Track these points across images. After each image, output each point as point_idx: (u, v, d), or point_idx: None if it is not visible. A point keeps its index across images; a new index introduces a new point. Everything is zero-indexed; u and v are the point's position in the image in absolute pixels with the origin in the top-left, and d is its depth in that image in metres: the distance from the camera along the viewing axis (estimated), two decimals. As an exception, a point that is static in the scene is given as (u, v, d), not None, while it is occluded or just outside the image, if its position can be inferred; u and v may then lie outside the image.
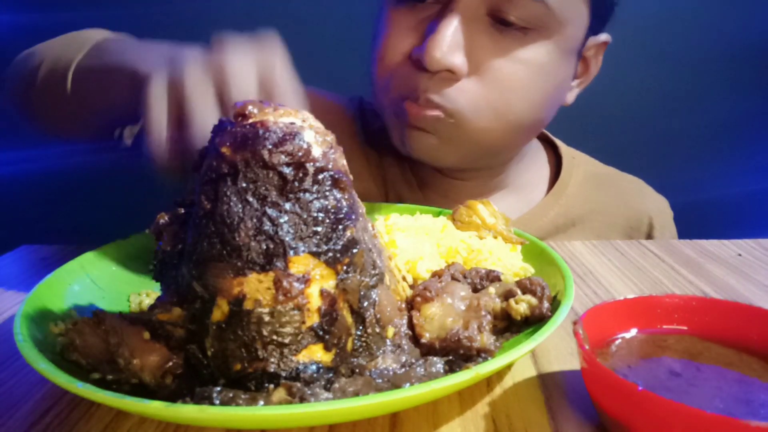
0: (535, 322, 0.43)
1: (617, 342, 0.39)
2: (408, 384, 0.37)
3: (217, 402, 0.34)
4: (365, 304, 0.39)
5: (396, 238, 0.52)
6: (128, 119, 0.65)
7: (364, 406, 0.32)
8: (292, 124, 0.39)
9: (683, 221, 0.92)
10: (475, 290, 0.46)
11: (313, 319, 0.36)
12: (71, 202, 1.44)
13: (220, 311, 0.36)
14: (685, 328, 0.41)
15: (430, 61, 0.65)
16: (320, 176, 0.38)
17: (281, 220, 0.36)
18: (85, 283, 0.51)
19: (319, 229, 0.37)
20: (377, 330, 0.40)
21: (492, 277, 0.48)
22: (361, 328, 0.39)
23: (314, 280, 0.37)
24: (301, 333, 0.36)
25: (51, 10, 0.65)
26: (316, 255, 0.37)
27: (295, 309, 0.36)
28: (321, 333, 0.36)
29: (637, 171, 0.94)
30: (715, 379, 0.35)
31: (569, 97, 0.79)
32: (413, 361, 0.40)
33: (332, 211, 0.38)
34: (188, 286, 0.38)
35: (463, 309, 0.43)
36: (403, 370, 0.39)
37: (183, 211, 0.41)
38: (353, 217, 0.39)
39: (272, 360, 0.36)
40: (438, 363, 0.39)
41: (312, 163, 0.38)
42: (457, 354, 0.40)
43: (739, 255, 0.70)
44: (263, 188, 0.37)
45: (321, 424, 0.37)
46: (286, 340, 0.36)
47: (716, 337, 0.40)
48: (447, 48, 0.65)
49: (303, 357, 0.36)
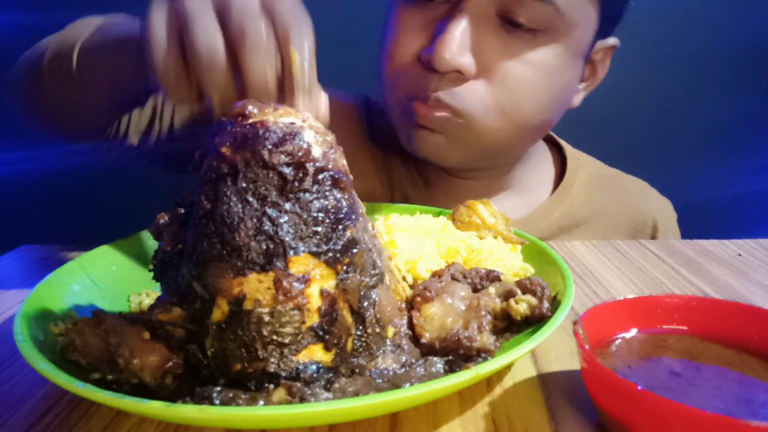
0: (535, 322, 0.43)
1: (617, 342, 0.39)
2: (408, 384, 0.37)
3: (217, 402, 0.34)
4: (365, 304, 0.39)
5: (396, 238, 0.52)
6: (136, 99, 0.62)
7: (364, 406, 0.32)
8: (292, 124, 0.39)
9: (683, 221, 0.92)
10: (475, 290, 0.46)
11: (313, 319, 0.36)
12: (71, 202, 1.44)
13: (220, 311, 0.36)
14: (685, 328, 0.41)
15: (439, 62, 0.65)
16: (320, 176, 0.38)
17: (281, 220, 0.36)
18: (85, 283, 0.51)
19: (319, 229, 0.37)
20: (377, 330, 0.40)
21: (492, 277, 0.48)
22: (361, 328, 0.39)
23: (314, 280, 0.37)
24: (301, 333, 0.36)
25: (51, 10, 0.65)
26: (316, 255, 0.37)
27: (295, 309, 0.36)
28: (321, 333, 0.36)
29: (637, 171, 0.94)
30: (715, 379, 0.35)
31: (576, 99, 0.78)
32: (413, 361, 0.40)
33: (332, 211, 0.38)
34: (188, 286, 0.38)
35: (463, 309, 0.43)
36: (403, 370, 0.39)
37: (183, 211, 0.41)
38: (353, 217, 0.39)
39: (272, 360, 0.36)
40: (438, 363, 0.39)
41: (312, 163, 0.38)
42: (457, 354, 0.40)
43: (739, 255, 0.70)
44: (263, 188, 0.37)
45: (321, 424, 0.37)
46: (286, 340, 0.36)
47: (716, 337, 0.40)
48: (456, 48, 0.65)
49: (303, 357, 0.36)
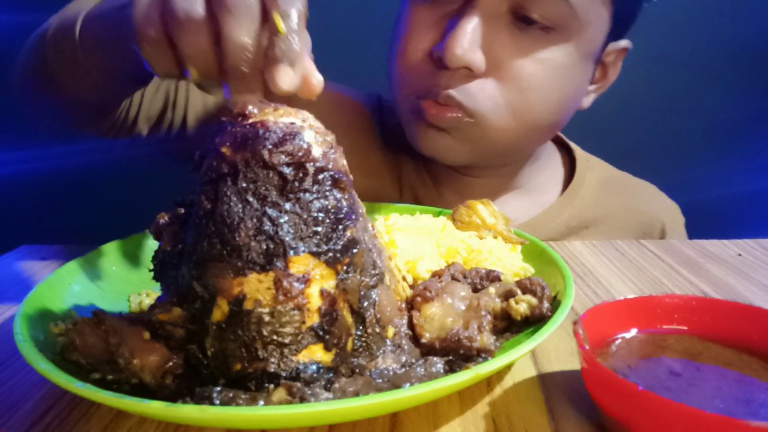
0: (535, 322, 0.43)
1: (617, 342, 0.39)
2: (408, 384, 0.37)
3: (217, 402, 0.34)
4: (365, 304, 0.39)
5: (396, 238, 0.52)
6: (138, 74, 0.60)
7: (364, 406, 0.32)
8: (292, 124, 0.39)
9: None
10: (475, 290, 0.46)
11: (313, 319, 0.36)
12: (71, 202, 1.44)
13: (220, 311, 0.36)
14: (685, 328, 0.41)
15: (450, 58, 0.65)
16: (320, 176, 0.38)
17: (281, 220, 0.36)
18: (85, 283, 0.51)
19: (319, 229, 0.37)
20: (377, 330, 0.40)
21: (492, 277, 0.48)
22: (361, 328, 0.39)
23: (314, 280, 0.37)
24: (301, 333, 0.36)
25: (51, 10, 0.65)
26: (316, 255, 0.37)
27: (295, 309, 0.36)
28: (321, 333, 0.36)
29: (637, 171, 0.94)
30: (715, 379, 0.35)
31: (585, 101, 0.78)
32: (413, 361, 0.40)
33: (332, 211, 0.38)
34: (188, 286, 0.38)
35: (463, 309, 0.43)
36: (403, 370, 0.39)
37: (183, 211, 0.41)
38: (353, 217, 0.39)
39: (272, 360, 0.36)
40: (438, 363, 0.39)
41: (312, 163, 0.38)
42: (457, 354, 0.40)
43: (739, 255, 0.70)
44: (263, 188, 0.37)
45: (321, 424, 0.37)
46: (286, 340, 0.36)
47: (716, 337, 0.40)
48: (467, 45, 0.65)
49: (303, 357, 0.36)
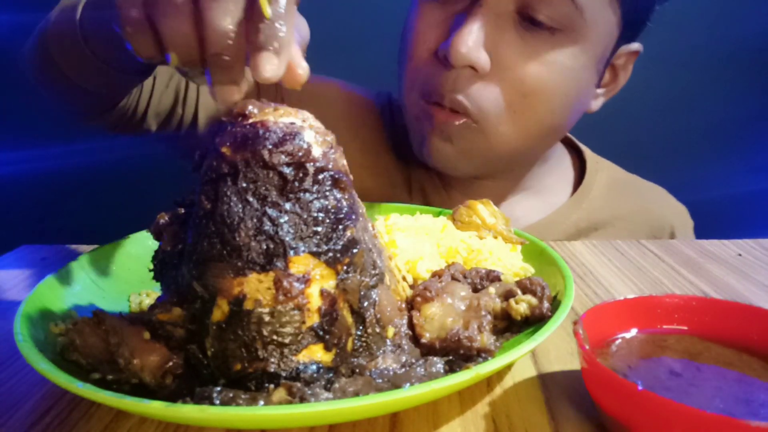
0: (535, 322, 0.43)
1: (617, 342, 0.39)
2: (408, 384, 0.37)
3: (217, 402, 0.34)
4: (365, 304, 0.39)
5: (396, 238, 0.52)
6: (138, 63, 0.59)
7: (364, 406, 0.32)
8: (292, 124, 0.39)
9: (683, 221, 0.92)
10: (475, 290, 0.46)
11: (313, 319, 0.36)
12: (71, 202, 1.44)
13: (220, 311, 0.36)
14: (685, 328, 0.41)
15: (455, 56, 0.65)
16: (320, 176, 0.38)
17: (281, 220, 0.36)
18: (85, 283, 0.51)
19: (320, 229, 0.37)
20: (377, 330, 0.40)
21: (492, 277, 0.48)
22: (361, 328, 0.39)
23: (314, 280, 0.37)
24: (301, 333, 0.36)
25: (51, 10, 0.65)
26: (317, 255, 0.37)
27: (295, 309, 0.36)
28: (321, 333, 0.36)
29: (637, 171, 0.94)
30: (715, 379, 0.35)
31: (594, 104, 0.77)
32: (413, 361, 0.40)
33: (332, 211, 0.38)
34: (188, 286, 0.38)
35: (463, 309, 0.43)
36: (403, 370, 0.39)
37: (183, 211, 0.41)
38: (353, 217, 0.39)
39: (272, 360, 0.36)
40: (438, 363, 0.39)
41: (312, 163, 0.38)
42: (457, 354, 0.40)
43: (739, 255, 0.70)
44: (263, 188, 0.37)
45: (321, 424, 0.37)
46: (286, 340, 0.36)
47: (716, 337, 0.40)
48: (472, 43, 0.65)
49: (303, 357, 0.36)
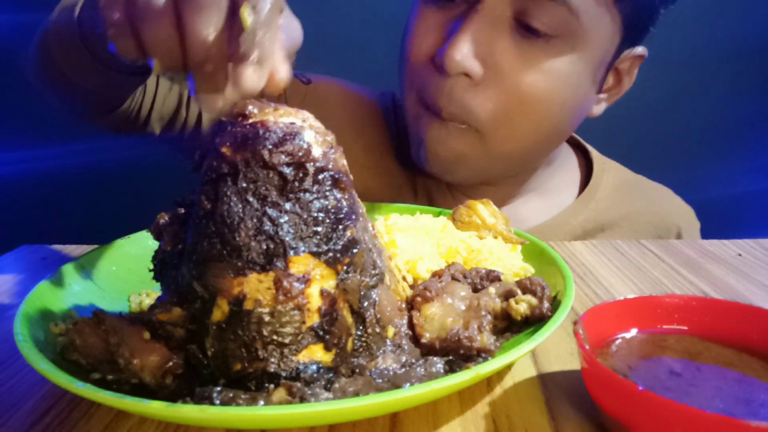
0: (535, 322, 0.43)
1: (617, 342, 0.39)
2: (408, 384, 0.37)
3: (217, 402, 0.34)
4: (365, 304, 0.39)
5: (396, 238, 0.52)
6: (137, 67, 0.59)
7: (365, 406, 0.32)
8: (292, 124, 0.39)
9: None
10: (475, 290, 0.46)
11: (314, 319, 0.36)
12: (71, 202, 1.44)
13: (220, 311, 0.36)
14: (685, 328, 0.41)
15: (448, 64, 0.65)
16: (320, 176, 0.38)
17: (281, 220, 0.36)
18: (85, 283, 0.51)
19: (320, 229, 0.37)
20: (377, 330, 0.40)
21: (492, 277, 0.48)
22: (361, 328, 0.39)
23: (314, 280, 0.37)
24: (301, 333, 0.36)
25: (51, 10, 0.65)
26: (317, 255, 0.37)
27: (295, 309, 0.36)
28: (321, 333, 0.36)
29: (637, 171, 0.94)
30: (715, 379, 0.35)
31: (596, 109, 0.77)
32: (413, 361, 0.40)
33: (332, 211, 0.38)
34: (188, 286, 0.38)
35: (463, 309, 0.43)
36: (403, 370, 0.39)
37: (183, 211, 0.41)
38: (353, 217, 0.39)
39: (272, 360, 0.36)
40: (438, 363, 0.39)
41: (312, 163, 0.38)
42: (457, 354, 0.40)
43: (739, 255, 0.70)
44: (263, 188, 0.37)
45: (321, 424, 0.37)
46: (287, 340, 0.36)
47: (716, 337, 0.40)
48: (467, 51, 0.65)
49: (303, 357, 0.36)
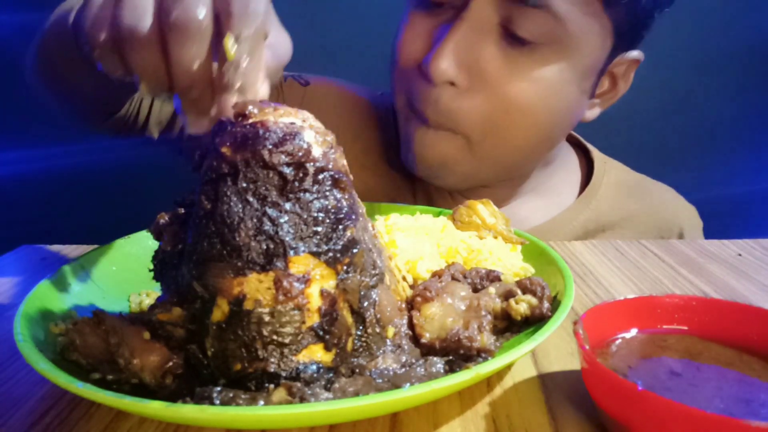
0: (535, 322, 0.43)
1: (617, 342, 0.39)
2: (408, 384, 0.37)
3: (217, 402, 0.34)
4: (365, 304, 0.39)
5: (396, 238, 0.52)
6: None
7: (365, 406, 0.32)
8: (292, 124, 0.39)
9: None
10: (475, 290, 0.46)
11: (314, 319, 0.36)
12: (71, 202, 1.44)
13: (220, 311, 0.36)
14: (685, 328, 0.41)
15: (434, 72, 0.65)
16: (320, 176, 0.38)
17: (281, 220, 0.36)
18: (85, 283, 0.51)
19: (320, 229, 0.37)
20: (377, 330, 0.40)
21: (492, 277, 0.48)
22: (361, 328, 0.39)
23: (314, 280, 0.37)
24: (301, 333, 0.36)
25: (51, 10, 0.65)
26: (317, 255, 0.37)
27: (295, 309, 0.36)
28: (321, 333, 0.36)
29: (637, 170, 0.94)
30: (715, 379, 0.35)
31: (589, 114, 0.76)
32: (413, 361, 0.40)
33: (332, 211, 0.38)
34: (188, 286, 0.38)
35: (463, 309, 0.43)
36: (403, 370, 0.39)
37: (183, 211, 0.41)
38: (353, 217, 0.39)
39: (272, 360, 0.36)
40: (438, 363, 0.39)
41: (312, 163, 0.38)
42: (457, 354, 0.40)
43: (739, 255, 0.70)
44: (263, 188, 0.37)
45: (321, 424, 0.37)
46: (286, 340, 0.36)
47: (716, 337, 0.40)
48: (453, 59, 0.64)
49: (303, 357, 0.36)
